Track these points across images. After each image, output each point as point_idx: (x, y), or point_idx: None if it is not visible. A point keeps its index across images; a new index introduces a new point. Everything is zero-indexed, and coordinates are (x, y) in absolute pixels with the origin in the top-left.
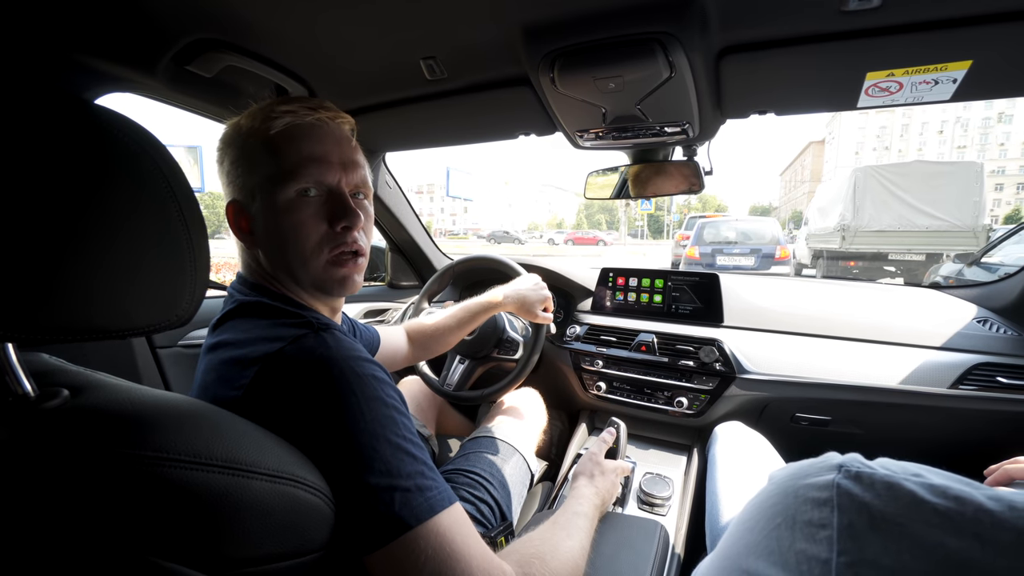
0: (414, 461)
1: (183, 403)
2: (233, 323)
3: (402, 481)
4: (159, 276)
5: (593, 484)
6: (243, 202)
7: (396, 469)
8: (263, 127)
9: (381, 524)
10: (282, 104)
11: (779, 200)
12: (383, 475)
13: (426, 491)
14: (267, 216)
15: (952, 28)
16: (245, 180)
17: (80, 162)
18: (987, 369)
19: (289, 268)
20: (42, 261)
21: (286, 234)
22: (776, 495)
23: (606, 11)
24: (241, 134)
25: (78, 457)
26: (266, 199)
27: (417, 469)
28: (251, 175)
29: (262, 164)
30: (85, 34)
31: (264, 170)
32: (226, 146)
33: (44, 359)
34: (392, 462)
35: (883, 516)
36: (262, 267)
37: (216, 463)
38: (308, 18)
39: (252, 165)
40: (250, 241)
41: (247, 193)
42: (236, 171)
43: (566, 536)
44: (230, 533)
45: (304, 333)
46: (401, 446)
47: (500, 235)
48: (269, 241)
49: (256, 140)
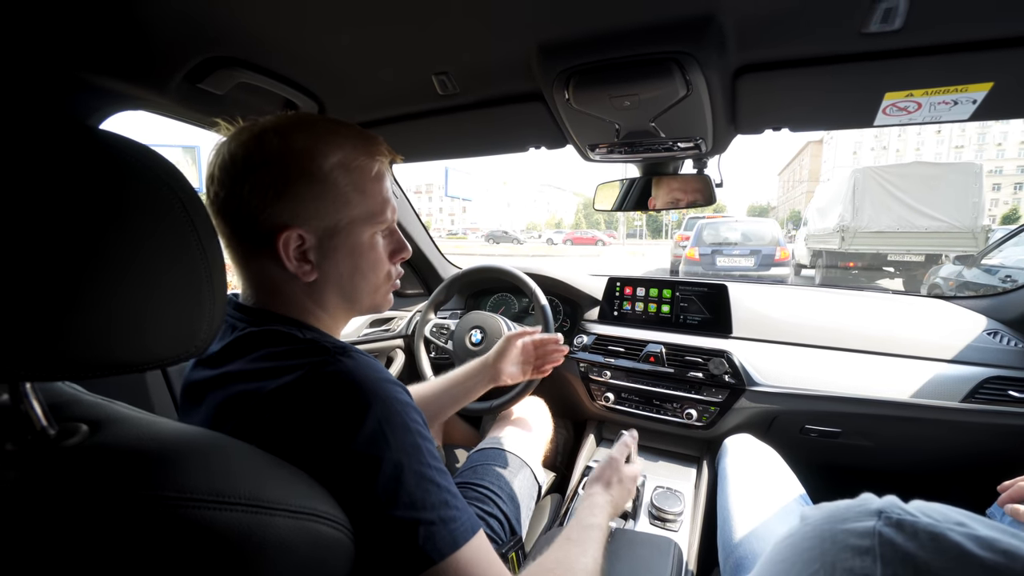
0: (438, 490)
1: (203, 438)
2: (240, 354)
3: (426, 514)
4: (178, 307)
5: (608, 493)
6: (313, 235)
7: (420, 501)
8: (356, 166)
9: (404, 559)
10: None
11: (777, 200)
12: (407, 508)
13: (449, 523)
14: (343, 252)
15: (975, 51)
16: (327, 217)
17: (91, 191)
18: (999, 383)
19: (349, 298)
20: (58, 296)
21: (364, 269)
22: (812, 538)
23: (624, 30)
24: (319, 166)
25: (99, 499)
26: (347, 237)
27: (441, 499)
28: (340, 212)
29: (354, 204)
30: (98, 54)
31: (354, 211)
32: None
33: (59, 388)
34: (416, 493)
35: (929, 569)
36: (295, 296)
37: (240, 501)
38: (321, 35)
39: (344, 202)
40: (306, 272)
41: (323, 229)
42: (318, 204)
43: (580, 553)
44: (255, 572)
45: (323, 359)
46: (425, 475)
47: (499, 235)
48: (339, 274)
49: (347, 176)
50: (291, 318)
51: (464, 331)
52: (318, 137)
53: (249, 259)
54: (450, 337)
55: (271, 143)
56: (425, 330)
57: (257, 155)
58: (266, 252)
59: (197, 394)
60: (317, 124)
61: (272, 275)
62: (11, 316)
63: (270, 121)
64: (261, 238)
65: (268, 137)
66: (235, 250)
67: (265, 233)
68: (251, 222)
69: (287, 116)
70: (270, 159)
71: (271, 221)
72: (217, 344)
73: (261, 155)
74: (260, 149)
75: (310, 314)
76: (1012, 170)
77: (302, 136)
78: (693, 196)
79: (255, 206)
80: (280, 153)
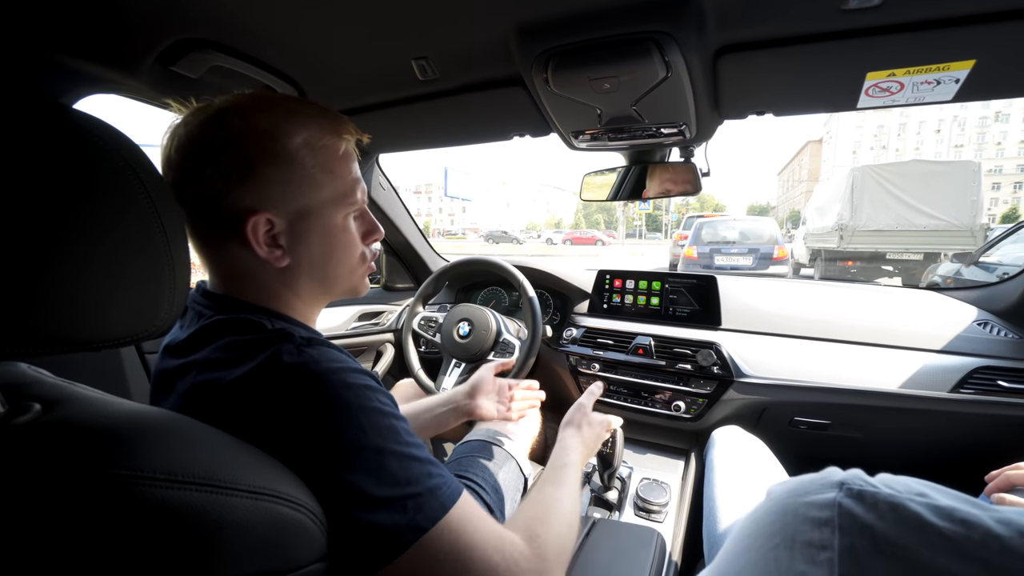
0: (420, 464)
1: (160, 417)
2: (206, 343)
3: (412, 488)
4: (139, 285)
5: (580, 434)
6: (283, 218)
7: (404, 478)
8: (322, 145)
9: (397, 534)
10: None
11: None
12: (394, 486)
13: (436, 491)
14: (316, 235)
15: (955, 27)
16: (296, 199)
17: (58, 169)
18: (988, 373)
19: (324, 282)
20: (20, 272)
21: (338, 253)
22: (775, 512)
23: (601, 10)
24: (284, 146)
25: (49, 476)
26: (318, 219)
27: (424, 471)
28: (309, 193)
29: (323, 185)
30: (66, 34)
31: (324, 192)
32: (264, 159)
33: (21, 369)
34: (400, 473)
35: (887, 539)
36: (266, 283)
37: (194, 480)
38: (297, 17)
39: (313, 184)
40: (277, 257)
41: (293, 212)
42: (284, 188)
43: (556, 489)
44: (213, 552)
45: (287, 349)
46: (405, 453)
47: (498, 235)
48: (312, 258)
49: (314, 156)
50: (260, 306)
51: (452, 324)
52: (282, 116)
53: (215, 247)
54: (438, 330)
55: (232, 123)
56: (413, 323)
57: (218, 136)
58: (234, 238)
59: (166, 383)
60: (279, 103)
61: (241, 262)
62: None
63: (229, 100)
64: (227, 224)
65: (229, 117)
66: (199, 238)
67: (231, 218)
68: (215, 207)
69: (246, 95)
70: (232, 140)
71: (236, 205)
72: (184, 332)
73: (222, 136)
74: (221, 130)
75: (282, 301)
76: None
77: (264, 116)
78: (679, 185)
79: (219, 190)
80: (242, 133)
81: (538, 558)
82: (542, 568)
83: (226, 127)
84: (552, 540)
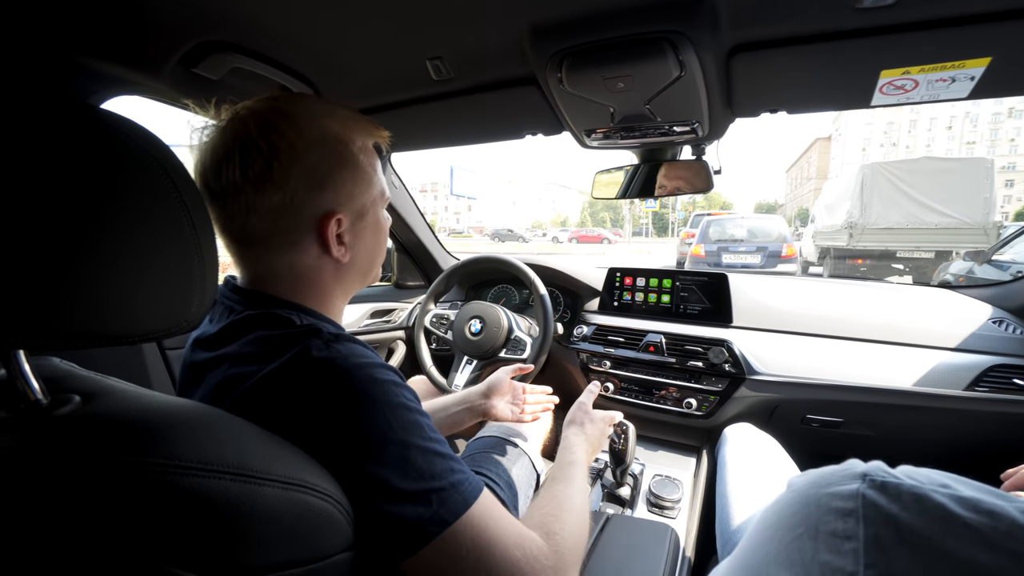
0: (443, 459)
1: (194, 410)
2: (236, 337)
3: (436, 482)
4: (169, 281)
5: (583, 432)
6: (348, 217)
7: (428, 472)
8: (370, 148)
9: (421, 526)
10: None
11: (785, 197)
12: (418, 480)
13: (459, 485)
14: (369, 231)
15: (971, 25)
16: (358, 199)
17: (89, 167)
18: (1003, 371)
19: (367, 273)
20: (53, 267)
21: (381, 244)
22: (797, 503)
23: (616, 10)
24: (352, 151)
25: (89, 465)
26: (371, 216)
27: (447, 466)
28: (366, 193)
29: (374, 184)
30: (92, 37)
31: (376, 189)
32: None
33: (55, 363)
34: (424, 467)
35: (911, 529)
36: (321, 280)
37: (227, 470)
38: (314, 19)
39: (369, 184)
40: (342, 254)
41: (355, 211)
42: (353, 188)
43: (566, 487)
44: (243, 540)
45: (316, 344)
46: (430, 448)
47: (504, 233)
48: (365, 252)
49: (368, 158)
50: (290, 301)
51: (463, 321)
52: (343, 122)
53: (283, 251)
54: (450, 327)
55: (310, 131)
56: (425, 320)
57: (299, 143)
58: (308, 239)
59: (196, 375)
60: (334, 108)
61: (305, 263)
62: (6, 286)
63: (291, 107)
64: (305, 227)
65: (304, 124)
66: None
67: (310, 221)
68: (296, 213)
69: (307, 102)
70: (312, 146)
71: (316, 209)
72: (215, 326)
73: (303, 142)
74: (300, 138)
75: (328, 296)
76: None
77: (330, 121)
78: (691, 183)
79: (301, 196)
80: (320, 140)
81: (556, 554)
82: (560, 564)
83: (304, 135)
84: (568, 537)
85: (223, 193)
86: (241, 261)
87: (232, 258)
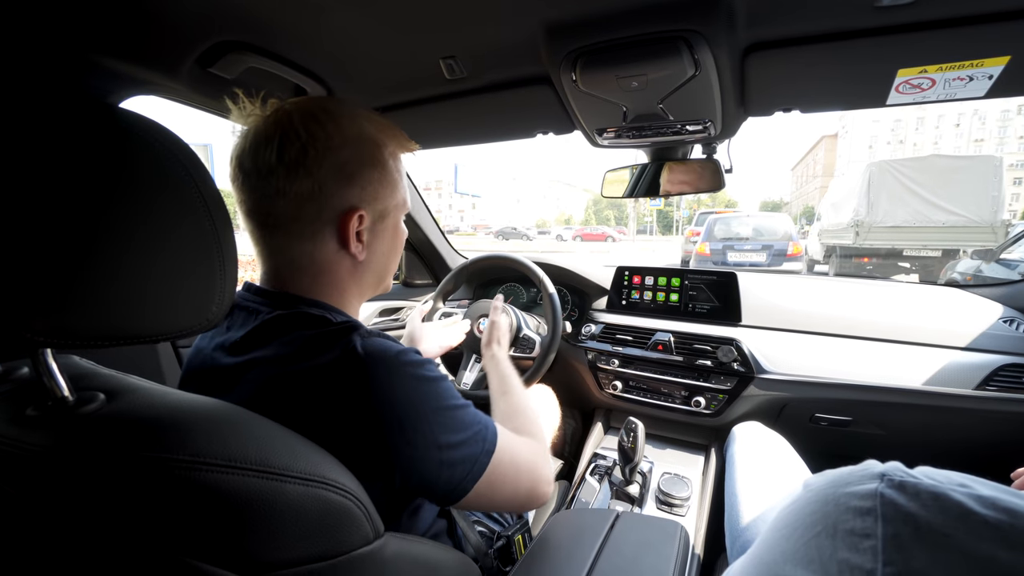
0: (472, 411)
1: (216, 407)
2: (270, 338)
3: (475, 428)
4: (191, 279)
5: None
6: (370, 216)
7: (469, 422)
8: (400, 156)
9: (475, 461)
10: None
11: (790, 195)
12: (464, 430)
13: (488, 424)
14: (388, 233)
15: (990, 23)
16: (382, 200)
17: (114, 168)
18: (1014, 370)
19: (381, 276)
20: (82, 266)
21: (397, 249)
22: (815, 503)
23: (631, 9)
24: (383, 154)
25: (116, 461)
26: (391, 220)
27: (475, 415)
28: (391, 197)
29: (399, 190)
30: (112, 37)
31: (399, 196)
32: (369, 163)
33: (76, 362)
34: (465, 419)
35: (930, 527)
36: (339, 276)
37: (250, 467)
38: (329, 19)
39: (394, 189)
40: (359, 251)
41: (378, 212)
42: (379, 189)
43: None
44: (264, 535)
45: (360, 341)
46: (462, 404)
47: (508, 232)
48: (381, 254)
49: (396, 164)
50: (317, 300)
51: (472, 319)
52: (378, 126)
53: (303, 239)
54: None
55: (348, 127)
56: (434, 319)
57: (337, 137)
58: (328, 231)
59: (222, 380)
60: (370, 115)
61: (322, 255)
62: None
63: (333, 107)
64: (328, 218)
65: (344, 121)
66: (287, 232)
67: (334, 213)
68: (321, 201)
69: (346, 104)
70: (347, 142)
71: (342, 202)
72: (239, 331)
73: (341, 137)
74: (340, 131)
75: (346, 293)
76: None
77: (367, 124)
78: (702, 182)
79: (329, 186)
80: (357, 138)
81: (541, 443)
82: (545, 450)
83: (344, 129)
84: (538, 431)
85: (256, 173)
86: (263, 250)
87: (255, 247)
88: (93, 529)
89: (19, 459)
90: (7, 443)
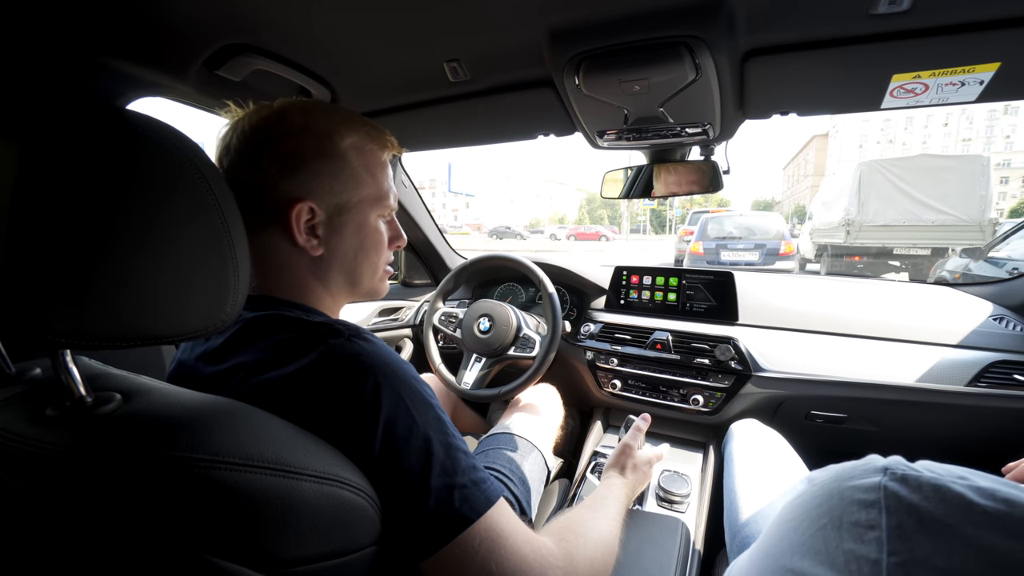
0: (466, 456)
1: (232, 407)
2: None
3: (459, 479)
4: (206, 280)
5: (623, 478)
6: (324, 210)
7: (452, 468)
8: (368, 150)
9: (442, 523)
10: (374, 130)
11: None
12: (441, 476)
13: (480, 484)
14: (351, 230)
15: (982, 31)
16: (339, 194)
17: (127, 171)
18: (1004, 367)
19: (351, 277)
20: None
21: (367, 249)
22: (820, 496)
23: (634, 15)
24: (338, 145)
25: (136, 461)
26: (355, 215)
27: (469, 464)
28: (351, 191)
29: (365, 185)
30: (121, 40)
31: (365, 191)
32: (317, 154)
33: (87, 363)
34: (447, 462)
35: (932, 518)
36: (299, 272)
37: (267, 465)
38: (336, 22)
39: (356, 183)
40: (313, 246)
41: (334, 206)
42: (332, 181)
43: (592, 512)
44: (281, 533)
45: (339, 342)
46: (452, 444)
47: (502, 231)
48: (344, 251)
49: (361, 158)
50: (293, 302)
51: (472, 319)
52: (337, 120)
53: (254, 232)
54: (458, 325)
55: (293, 119)
56: (434, 319)
57: (278, 127)
58: (276, 224)
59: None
60: (335, 110)
61: (276, 250)
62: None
63: (290, 102)
64: (272, 210)
65: (291, 114)
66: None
67: (277, 205)
68: (263, 192)
69: (306, 100)
70: (292, 132)
71: (285, 193)
72: (219, 337)
73: (283, 128)
74: (282, 123)
75: (312, 293)
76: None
77: (323, 116)
78: (700, 183)
79: (271, 176)
80: (301, 128)
81: (567, 557)
82: (571, 568)
83: (287, 121)
84: (582, 548)
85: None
86: None
87: None
88: (113, 528)
89: (39, 459)
90: (27, 443)
